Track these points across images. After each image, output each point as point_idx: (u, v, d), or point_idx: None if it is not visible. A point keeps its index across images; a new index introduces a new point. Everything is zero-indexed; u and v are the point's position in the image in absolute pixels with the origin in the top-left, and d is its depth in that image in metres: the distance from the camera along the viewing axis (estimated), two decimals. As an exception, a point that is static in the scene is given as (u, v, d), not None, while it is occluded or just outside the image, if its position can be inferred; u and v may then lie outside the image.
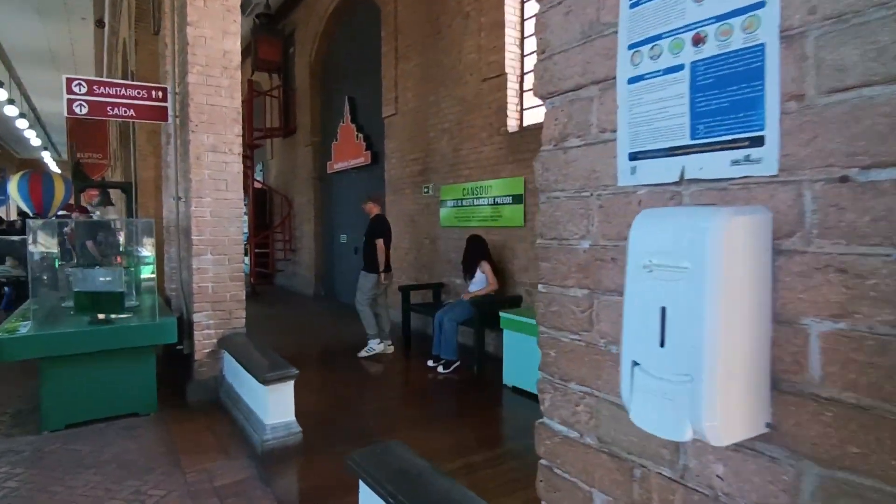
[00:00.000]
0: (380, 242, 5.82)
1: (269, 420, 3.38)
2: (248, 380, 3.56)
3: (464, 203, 6.21)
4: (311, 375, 5.06)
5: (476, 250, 5.47)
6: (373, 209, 6.18)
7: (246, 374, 3.59)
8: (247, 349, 3.94)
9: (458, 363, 5.27)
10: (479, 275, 5.42)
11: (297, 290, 11.26)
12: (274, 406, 3.39)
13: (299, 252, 11.29)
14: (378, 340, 5.88)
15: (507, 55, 5.55)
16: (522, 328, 4.58)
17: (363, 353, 5.79)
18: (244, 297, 4.52)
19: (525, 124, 5.60)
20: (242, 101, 5.09)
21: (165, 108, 4.53)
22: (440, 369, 5.27)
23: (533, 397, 4.42)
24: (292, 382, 3.48)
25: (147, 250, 5.03)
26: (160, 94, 4.49)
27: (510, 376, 4.75)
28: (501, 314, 4.80)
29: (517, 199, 5.43)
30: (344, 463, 2.01)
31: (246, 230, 11.36)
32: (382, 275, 5.87)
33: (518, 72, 5.63)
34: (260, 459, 3.28)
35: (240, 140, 4.51)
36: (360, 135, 8.77)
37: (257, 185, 12.36)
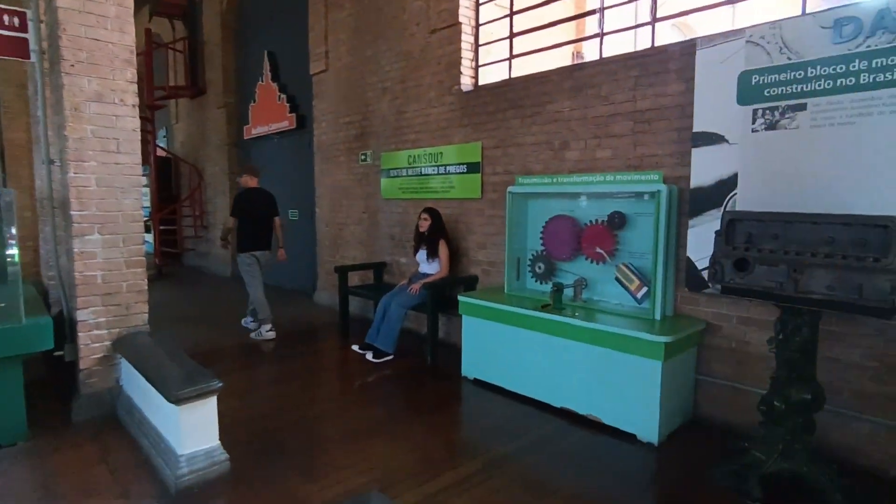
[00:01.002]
0: (230, 221, 5.44)
1: (185, 449, 2.60)
2: (156, 397, 2.74)
3: (409, 172, 5.51)
4: (233, 376, 4.25)
5: (440, 226, 4.85)
6: (248, 182, 5.58)
7: (152, 390, 2.76)
8: (152, 354, 3.08)
9: (391, 357, 4.68)
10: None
11: (211, 271, 10.06)
12: (190, 430, 2.61)
13: (213, 228, 10.06)
14: (269, 326, 5.43)
15: (462, 1, 4.85)
16: (484, 313, 4.03)
17: (254, 336, 5.44)
18: (146, 286, 3.61)
19: (480, 82, 4.96)
20: (139, 54, 4.08)
21: (25, 40, 3.42)
22: (369, 356, 4.66)
23: (498, 391, 3.92)
24: (215, 398, 2.71)
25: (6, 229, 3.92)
26: (17, 20, 3.38)
27: (470, 367, 4.21)
28: (460, 298, 4.22)
29: (473, 167, 4.82)
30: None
31: (148, 204, 9.94)
32: (247, 254, 5.43)
33: (473, 22, 4.95)
34: (174, 501, 2.51)
35: (134, 88, 3.52)
36: (283, 95, 7.74)
37: (160, 152, 10.84)
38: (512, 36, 4.71)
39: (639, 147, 3.67)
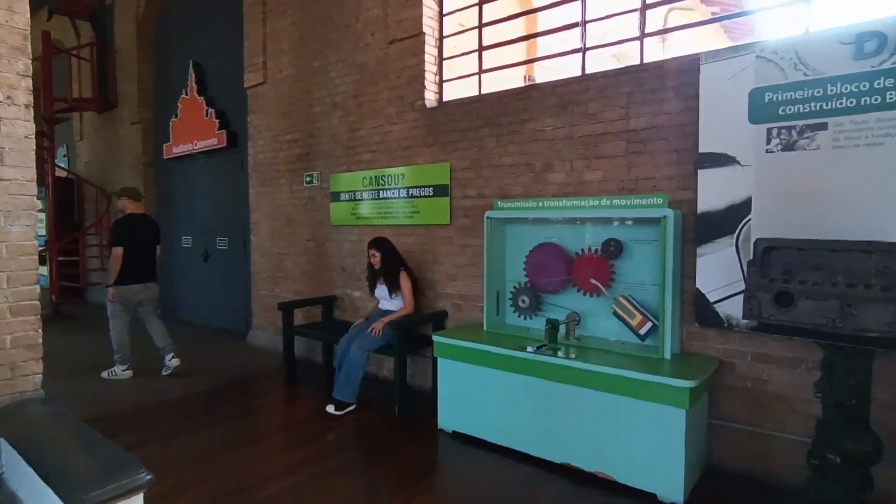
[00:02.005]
0: (115, 251, 4.85)
1: (98, 575, 1.85)
2: (54, 501, 1.97)
3: (364, 196, 4.95)
4: (155, 448, 3.44)
5: (394, 256, 4.30)
6: (128, 206, 5.01)
7: (48, 490, 1.99)
8: (48, 433, 2.29)
9: (353, 407, 4.07)
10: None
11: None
12: (106, 548, 1.87)
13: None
14: (125, 366, 4.98)
15: (425, 11, 4.44)
16: (464, 355, 3.53)
17: (106, 376, 4.95)
18: (40, 338, 2.78)
19: (444, 98, 4.55)
20: (35, 59, 3.30)
21: None
22: (330, 409, 4.02)
23: (483, 445, 3.40)
24: (141, 497, 1.99)
25: None
26: None
27: (448, 418, 3.67)
28: (435, 338, 3.69)
29: (441, 190, 4.35)
30: None
31: (44, 233, 8.61)
32: (111, 290, 4.89)
33: (437, 33, 4.55)
34: None
35: (28, 85, 2.75)
36: (212, 110, 6.94)
37: (60, 173, 9.49)
38: (481, 49, 4.35)
39: (634, 169, 3.38)
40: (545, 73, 5.14)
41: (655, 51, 5.15)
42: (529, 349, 3.21)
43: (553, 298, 3.67)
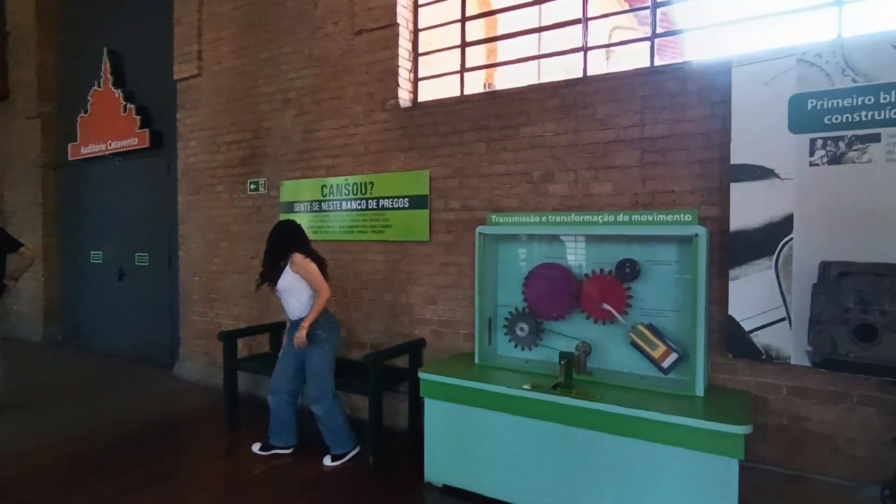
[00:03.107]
0: None
1: None
2: None
3: (324, 207, 4.30)
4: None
5: (289, 239, 3.42)
6: None
7: None
8: None
9: (284, 449, 3.50)
10: (288, 277, 3.36)
11: (13, 335, 7.42)
12: None
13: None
14: None
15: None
16: (457, 395, 3.00)
17: None
18: None
19: (420, 99, 4.04)
20: None
21: None
22: (327, 461, 3.38)
23: (481, 501, 2.88)
24: None
25: None
26: None
27: (438, 469, 3.10)
28: (421, 375, 3.13)
29: (418, 201, 3.81)
30: None
31: None
32: None
33: (411, 25, 4.04)
34: None
35: None
36: (131, 105, 5.98)
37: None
38: (464, 45, 3.89)
39: (650, 181, 3.03)
40: (506, 80, 4.77)
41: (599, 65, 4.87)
42: (530, 389, 2.73)
43: (556, 326, 3.23)
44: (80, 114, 6.54)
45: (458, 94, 3.84)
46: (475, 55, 4.35)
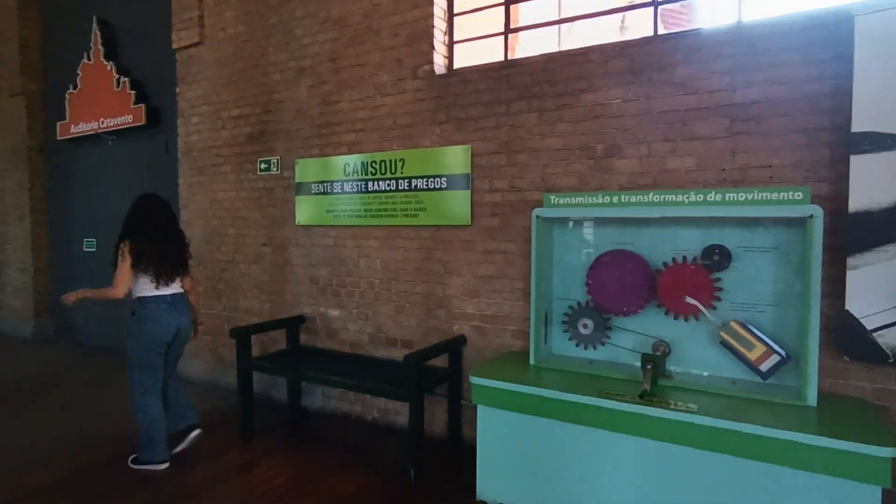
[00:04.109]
0: None
1: None
2: None
3: (346, 188, 3.85)
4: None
5: (130, 220, 3.18)
6: None
7: None
8: None
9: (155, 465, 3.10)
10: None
11: (0, 331, 6.95)
12: None
13: (4, 269, 7.01)
14: None
15: (435, -52, 3.44)
16: (517, 404, 2.59)
17: None
18: None
19: (455, 65, 3.57)
20: None
21: None
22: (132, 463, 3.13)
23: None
24: None
25: None
26: None
27: (493, 486, 2.71)
28: (474, 381, 2.71)
29: (458, 181, 3.37)
30: None
31: None
32: None
33: (446, -19, 3.57)
34: None
35: None
36: (125, 79, 5.47)
37: None
38: (509, 1, 3.42)
39: (741, 155, 2.60)
40: (529, 47, 4.28)
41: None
42: (613, 398, 2.32)
43: (624, 322, 2.81)
44: (69, 90, 6.01)
45: (502, 58, 3.38)
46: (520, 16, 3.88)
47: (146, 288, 3.08)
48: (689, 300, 2.60)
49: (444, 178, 3.41)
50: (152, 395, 3.09)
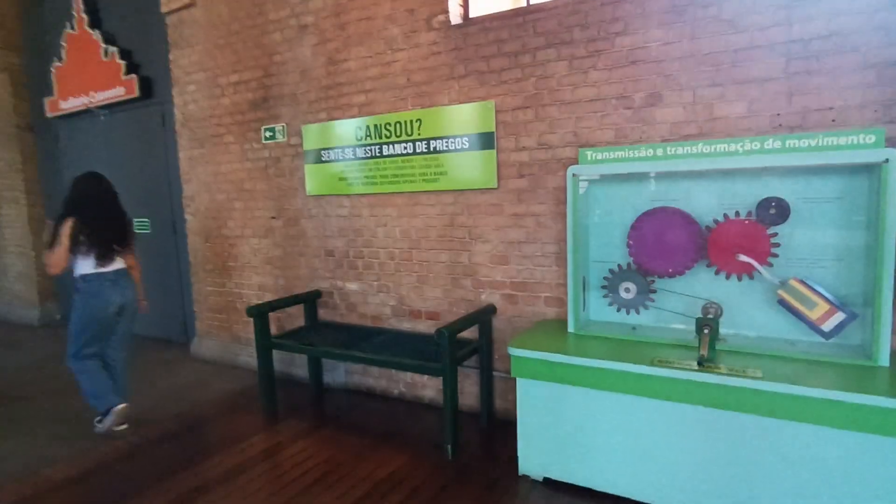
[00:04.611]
0: None
1: None
2: None
3: (359, 153, 3.62)
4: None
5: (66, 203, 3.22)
6: None
7: None
8: None
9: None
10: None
11: (6, 318, 6.80)
12: None
13: (1, 252, 6.82)
14: None
15: None
16: (559, 374, 2.44)
17: None
18: None
19: (472, 13, 3.29)
20: None
21: None
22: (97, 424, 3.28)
23: (593, 496, 2.38)
24: None
25: None
26: None
27: (535, 460, 2.59)
28: (512, 352, 2.56)
29: (482, 140, 3.14)
30: None
31: None
32: None
33: (460, -81, 3.25)
34: None
35: None
36: (112, 48, 5.15)
37: None
38: (530, -60, 3.12)
39: (799, 97, 2.37)
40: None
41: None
42: (667, 365, 2.16)
43: (669, 284, 2.64)
44: (54, 63, 5.69)
45: (525, 2, 3.10)
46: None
47: (88, 266, 3.13)
48: (743, 258, 2.42)
49: (466, 138, 3.18)
50: (88, 359, 3.23)
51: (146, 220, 5.32)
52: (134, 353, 4.97)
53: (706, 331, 2.21)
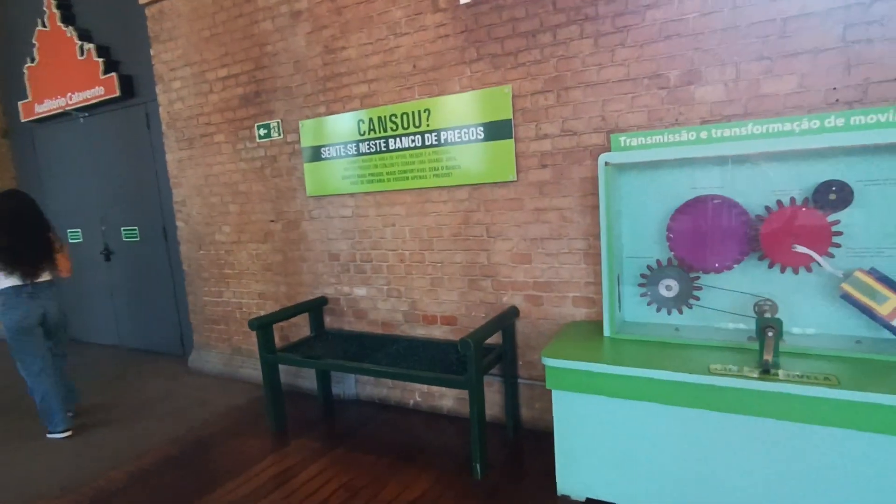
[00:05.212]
0: None
1: None
2: None
3: (362, 149, 3.35)
4: None
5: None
6: None
7: None
8: None
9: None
10: None
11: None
12: None
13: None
14: None
15: None
16: (600, 385, 2.21)
17: None
18: None
19: (481, -7, 3.02)
20: None
21: None
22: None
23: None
24: None
25: None
26: None
27: (575, 479, 2.37)
28: (547, 362, 2.32)
29: (497, 129, 2.88)
30: None
31: None
32: None
33: None
34: None
35: None
36: (89, 45, 4.82)
37: None
38: None
39: (858, 68, 2.13)
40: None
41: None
42: (726, 373, 1.94)
43: (715, 279, 2.41)
44: (27, 63, 5.35)
45: (540, -23, 2.83)
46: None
47: (5, 282, 3.20)
48: (800, 249, 2.19)
49: (481, 128, 2.92)
50: (41, 374, 3.32)
51: (134, 227, 5.02)
52: (125, 367, 4.72)
53: (770, 333, 1.98)
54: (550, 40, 2.70)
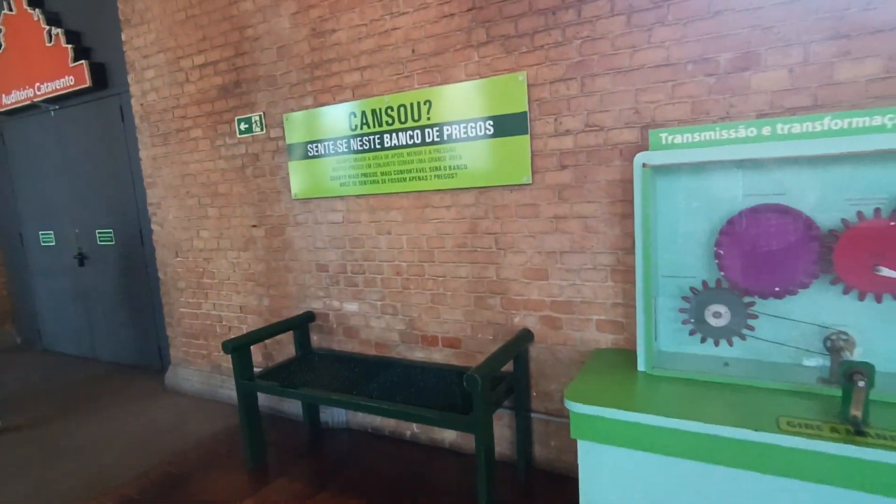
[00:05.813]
0: None
1: None
2: None
3: (354, 145, 2.94)
4: None
5: None
6: None
7: None
8: None
9: None
10: None
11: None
12: None
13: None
14: None
15: None
16: (639, 440, 1.80)
17: None
18: None
19: (491, -34, 2.60)
20: None
21: None
22: None
23: None
24: None
25: None
26: None
27: (604, 544, 1.96)
28: (571, 408, 1.91)
29: (510, 123, 2.47)
30: None
31: None
32: None
33: None
34: None
35: None
36: (57, 31, 4.40)
37: None
38: None
39: (963, 47, 1.72)
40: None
41: None
42: (809, 435, 1.53)
43: (773, 306, 2.00)
44: (-6, 51, 4.93)
45: (561, -55, 2.42)
46: None
47: None
48: (885, 272, 1.78)
49: (490, 122, 2.51)
50: None
51: (109, 230, 4.61)
52: (97, 383, 4.32)
53: (861, 383, 1.57)
54: (574, 18, 2.28)
